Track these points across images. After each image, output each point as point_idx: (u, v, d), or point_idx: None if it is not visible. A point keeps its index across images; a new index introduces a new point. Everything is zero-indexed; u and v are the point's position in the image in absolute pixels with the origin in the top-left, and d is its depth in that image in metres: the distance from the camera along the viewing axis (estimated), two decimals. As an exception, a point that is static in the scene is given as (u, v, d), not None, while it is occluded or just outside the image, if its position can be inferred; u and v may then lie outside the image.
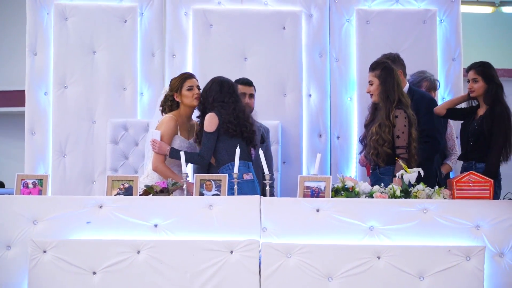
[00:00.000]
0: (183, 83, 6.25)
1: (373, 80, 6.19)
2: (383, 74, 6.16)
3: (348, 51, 7.37)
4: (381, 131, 6.05)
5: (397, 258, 5.30)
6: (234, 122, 6.11)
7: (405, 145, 6.04)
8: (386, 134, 6.04)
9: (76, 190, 6.99)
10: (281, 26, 7.26)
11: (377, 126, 6.08)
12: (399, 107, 6.09)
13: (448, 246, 5.32)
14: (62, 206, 5.42)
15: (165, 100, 6.32)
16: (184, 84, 6.24)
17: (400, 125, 6.06)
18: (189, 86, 6.24)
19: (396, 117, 6.07)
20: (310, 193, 5.50)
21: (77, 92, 7.15)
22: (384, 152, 6.04)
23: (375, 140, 6.06)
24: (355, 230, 5.39)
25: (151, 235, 5.37)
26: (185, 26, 7.33)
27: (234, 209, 5.42)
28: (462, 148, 6.38)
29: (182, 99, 6.24)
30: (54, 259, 5.29)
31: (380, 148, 6.04)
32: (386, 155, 6.04)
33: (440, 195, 5.51)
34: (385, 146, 6.03)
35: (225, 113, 6.09)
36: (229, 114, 6.10)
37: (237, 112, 6.15)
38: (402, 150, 6.04)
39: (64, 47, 7.17)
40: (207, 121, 6.09)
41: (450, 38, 7.35)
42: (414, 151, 6.06)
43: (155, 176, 6.11)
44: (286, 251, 5.31)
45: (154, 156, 6.15)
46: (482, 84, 6.22)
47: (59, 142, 7.11)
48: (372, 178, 6.20)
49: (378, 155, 6.06)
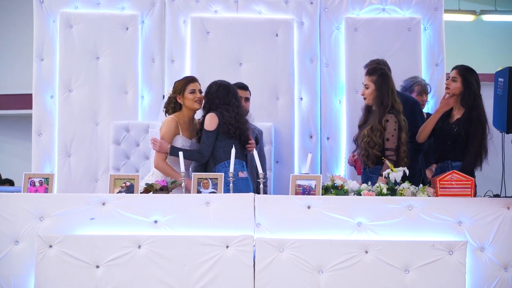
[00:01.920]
0: (186, 86, 6.24)
1: (369, 85, 6.17)
2: (379, 80, 6.14)
3: (337, 57, 7.35)
4: (373, 134, 6.05)
5: (384, 252, 5.29)
6: (234, 125, 6.13)
7: (393, 147, 6.05)
8: (377, 138, 6.05)
9: (80, 188, 6.97)
10: (274, 34, 7.25)
11: (369, 129, 6.08)
12: (391, 112, 6.09)
13: (432, 241, 5.32)
14: (67, 203, 5.41)
15: (169, 102, 6.31)
16: (187, 87, 6.23)
17: (390, 129, 6.06)
18: (192, 89, 6.22)
19: (387, 121, 6.07)
20: (302, 191, 5.49)
21: (82, 96, 7.13)
22: (373, 154, 6.05)
23: (366, 142, 6.07)
24: (344, 226, 5.39)
25: (151, 231, 5.37)
26: (183, 33, 7.31)
27: (229, 206, 5.41)
28: (436, 149, 6.34)
29: (184, 101, 6.23)
30: (60, 253, 5.28)
31: (371, 150, 6.05)
32: (375, 156, 6.05)
33: (425, 193, 5.51)
34: (375, 148, 6.04)
35: (228, 116, 6.12)
36: (231, 117, 6.13)
37: (238, 117, 6.17)
38: (391, 152, 6.04)
39: (69, 53, 7.14)
40: (208, 120, 6.11)
41: (433, 45, 7.34)
42: (403, 154, 6.06)
43: (159, 174, 6.11)
44: (279, 246, 5.31)
45: (155, 154, 6.15)
46: (459, 85, 6.20)
47: (65, 143, 7.09)
48: (362, 177, 6.21)
49: (368, 156, 6.07)
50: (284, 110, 7.17)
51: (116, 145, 7.01)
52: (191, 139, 6.24)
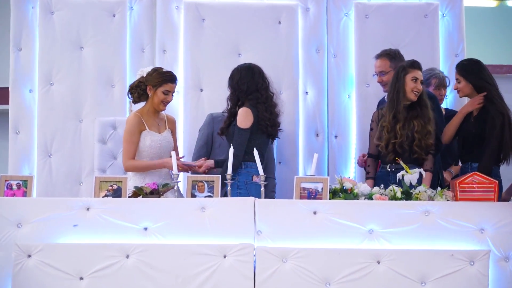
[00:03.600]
0: (164, 84, 6.24)
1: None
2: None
3: (346, 47, 7.35)
4: (427, 124, 6.10)
5: (398, 262, 5.30)
6: (269, 117, 6.23)
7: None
8: (431, 127, 6.10)
9: (62, 192, 6.98)
10: (276, 21, 7.25)
11: (420, 120, 6.08)
12: None
13: (451, 250, 5.32)
14: (47, 208, 5.41)
15: (138, 86, 6.31)
16: (164, 86, 6.23)
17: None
18: (167, 90, 6.25)
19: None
20: (307, 194, 5.50)
21: (64, 89, 7.13)
22: (426, 144, 6.05)
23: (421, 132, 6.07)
24: (354, 233, 5.39)
25: (140, 239, 5.37)
26: (176, 21, 7.31)
27: (227, 211, 5.42)
28: (458, 149, 6.37)
29: (153, 97, 6.24)
30: (39, 263, 5.28)
31: (424, 141, 6.06)
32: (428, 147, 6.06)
33: (443, 197, 5.51)
34: (428, 137, 6.07)
35: (261, 109, 6.18)
36: (264, 109, 6.19)
37: (271, 107, 6.27)
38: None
39: (50, 42, 7.15)
40: (242, 117, 6.16)
41: (452, 33, 7.34)
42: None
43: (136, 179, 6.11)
44: (281, 255, 5.31)
45: (122, 156, 6.17)
46: (464, 84, 6.23)
47: (45, 142, 7.09)
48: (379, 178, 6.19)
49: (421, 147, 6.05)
50: (287, 105, 7.15)
51: (102, 144, 7.01)
52: (161, 133, 6.26)
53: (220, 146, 6.63)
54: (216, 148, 6.67)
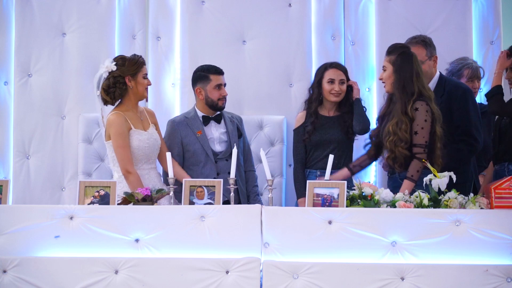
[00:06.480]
0: (140, 68, 6.28)
1: (386, 66, 6.19)
2: (399, 60, 6.14)
3: (366, 33, 7.37)
4: (398, 129, 6.03)
5: (424, 279, 5.32)
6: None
7: (423, 143, 6.02)
8: (403, 133, 6.02)
9: (42, 198, 7.01)
10: (286, 3, 7.27)
11: (393, 124, 6.06)
12: (421, 99, 6.08)
13: (485, 265, 5.34)
14: (25, 217, 5.43)
15: (115, 82, 6.31)
16: (141, 70, 6.28)
17: (420, 120, 6.03)
18: (145, 73, 6.30)
19: (416, 109, 6.05)
20: (321, 201, 5.52)
21: (43, 82, 7.16)
22: (401, 154, 6.02)
23: (392, 141, 6.05)
24: (374, 245, 5.41)
25: (131, 252, 5.39)
26: (172, 3, 7.33)
27: (230, 220, 5.43)
28: (493, 148, 6.36)
29: (137, 86, 6.28)
30: (16, 280, 5.30)
31: (397, 150, 6.03)
32: (403, 157, 6.03)
33: (476, 204, 5.52)
34: (401, 146, 6.01)
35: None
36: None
37: None
38: (420, 149, 6.01)
39: (28, 29, 7.17)
40: None
41: (487, 18, 7.35)
42: (438, 153, 6.04)
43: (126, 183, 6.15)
44: (292, 271, 5.33)
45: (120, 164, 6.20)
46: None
47: (22, 141, 7.12)
48: (390, 183, 6.20)
49: (395, 159, 6.05)
50: (299, 99, 7.17)
51: (87, 143, 7.05)
52: (146, 130, 6.28)
53: (194, 155, 6.56)
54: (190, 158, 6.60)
